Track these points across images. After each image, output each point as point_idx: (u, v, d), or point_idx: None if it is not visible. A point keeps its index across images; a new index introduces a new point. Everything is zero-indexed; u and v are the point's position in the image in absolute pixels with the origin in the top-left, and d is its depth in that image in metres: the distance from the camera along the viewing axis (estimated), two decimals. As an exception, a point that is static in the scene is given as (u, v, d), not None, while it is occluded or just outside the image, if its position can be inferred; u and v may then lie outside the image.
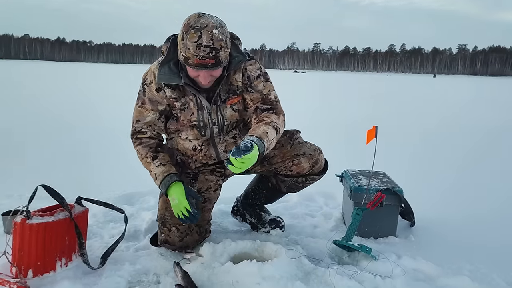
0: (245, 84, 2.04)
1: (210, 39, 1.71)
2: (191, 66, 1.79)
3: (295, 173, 2.19)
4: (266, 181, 2.41)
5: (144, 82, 2.05)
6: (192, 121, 2.04)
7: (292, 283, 1.74)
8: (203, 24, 1.72)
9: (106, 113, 7.86)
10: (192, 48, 1.72)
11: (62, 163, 3.96)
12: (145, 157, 2.05)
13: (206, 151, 2.13)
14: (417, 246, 2.26)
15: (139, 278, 1.89)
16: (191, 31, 1.72)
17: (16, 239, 1.76)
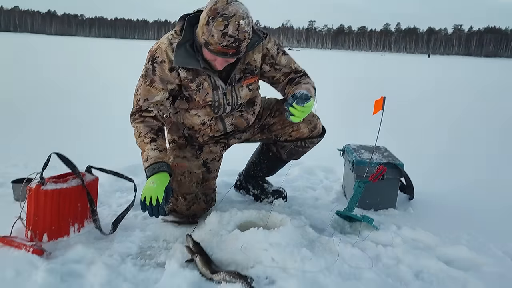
0: (271, 64, 2.09)
1: (236, 30, 1.70)
2: (211, 52, 1.77)
3: (295, 138, 2.27)
4: (267, 151, 2.47)
5: (154, 60, 1.95)
6: (208, 101, 2.03)
7: (298, 249, 1.80)
8: (231, 12, 1.69)
9: (110, 86, 7.86)
10: (217, 36, 1.70)
11: (65, 135, 3.98)
12: (143, 136, 1.96)
13: (214, 125, 2.16)
14: (416, 218, 2.35)
15: (149, 244, 1.95)
16: (218, 18, 1.69)
17: (31, 204, 1.81)
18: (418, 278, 1.74)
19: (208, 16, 1.71)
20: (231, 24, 1.69)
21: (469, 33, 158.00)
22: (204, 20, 1.73)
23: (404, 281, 1.71)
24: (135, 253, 1.86)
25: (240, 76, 2.04)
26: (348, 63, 29.17)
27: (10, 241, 1.75)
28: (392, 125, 4.72)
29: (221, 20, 1.68)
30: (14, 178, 2.48)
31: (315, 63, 24.77)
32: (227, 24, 1.69)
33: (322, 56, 43.78)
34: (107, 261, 1.74)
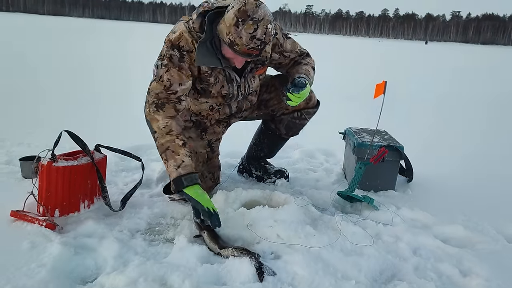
0: (280, 52, 2.17)
1: (264, 33, 1.77)
2: (235, 51, 1.82)
3: (291, 110, 2.35)
4: (266, 130, 2.54)
5: (181, 48, 1.92)
6: (223, 93, 2.09)
7: (302, 226, 1.87)
8: (260, 16, 1.75)
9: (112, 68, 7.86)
10: (245, 38, 1.76)
11: (68, 116, 4.00)
12: (176, 136, 1.90)
13: (222, 110, 2.23)
14: (414, 199, 2.43)
15: (157, 220, 2.02)
16: (249, 21, 1.73)
17: (43, 180, 1.86)
18: (416, 254, 1.82)
19: (237, 18, 1.75)
20: (260, 27, 1.75)
21: (467, 20, 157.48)
22: (232, 20, 1.76)
23: (402, 257, 1.78)
24: (144, 229, 1.93)
25: (252, 67, 2.11)
26: (346, 48, 29.09)
27: (23, 215, 1.81)
28: (391, 109, 4.80)
29: (251, 24, 1.74)
30: (19, 156, 2.53)
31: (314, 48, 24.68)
32: (256, 28, 1.74)
33: (320, 41, 43.57)
34: (118, 236, 1.81)
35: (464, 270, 1.72)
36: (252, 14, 1.74)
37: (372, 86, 2.32)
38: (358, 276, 1.62)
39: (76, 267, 1.59)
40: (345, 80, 8.76)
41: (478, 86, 9.28)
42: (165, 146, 1.88)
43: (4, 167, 2.49)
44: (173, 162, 1.85)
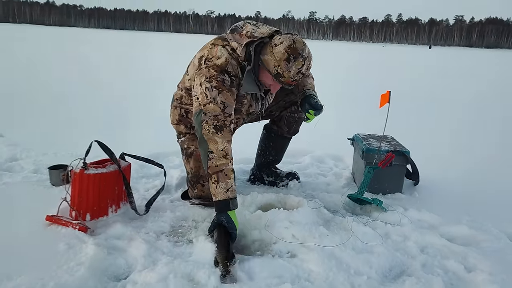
0: None
1: (307, 69, 2.04)
2: (280, 82, 2.05)
3: (288, 104, 2.53)
4: (269, 134, 2.70)
5: (230, 74, 2.04)
6: (250, 111, 2.29)
7: (316, 227, 2.01)
8: (307, 53, 2.01)
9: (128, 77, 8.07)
10: (293, 73, 1.99)
11: (88, 126, 4.16)
12: (230, 160, 1.98)
13: (239, 121, 2.38)
14: (421, 201, 2.55)
15: (179, 223, 2.16)
16: (299, 59, 1.97)
17: (75, 187, 2.01)
18: (423, 252, 1.95)
19: (289, 54, 1.97)
20: (305, 64, 2.01)
21: (470, 24, 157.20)
22: (282, 55, 1.97)
23: (410, 255, 1.91)
24: (168, 231, 2.06)
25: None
26: (351, 54, 29.22)
27: (58, 219, 1.96)
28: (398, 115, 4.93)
29: (301, 61, 1.99)
30: (46, 165, 2.68)
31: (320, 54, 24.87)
32: (303, 64, 2.00)
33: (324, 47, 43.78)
34: (145, 237, 1.95)
35: (469, 267, 1.85)
36: (302, 52, 1.98)
37: (378, 91, 2.45)
38: (370, 272, 1.75)
39: (109, 266, 1.73)
40: (352, 86, 8.89)
41: (482, 89, 9.37)
42: (220, 168, 1.94)
43: (33, 175, 2.64)
44: (224, 184, 1.93)
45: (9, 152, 3.05)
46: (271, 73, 2.04)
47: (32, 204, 2.21)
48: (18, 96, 5.53)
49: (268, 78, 2.10)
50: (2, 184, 2.48)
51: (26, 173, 2.69)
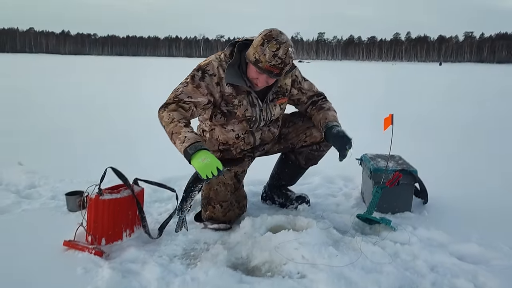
0: (298, 88, 2.47)
1: (285, 54, 2.06)
2: (259, 68, 2.10)
3: (309, 142, 2.56)
4: (286, 160, 2.75)
5: (205, 71, 2.21)
6: (247, 116, 2.32)
7: (325, 248, 2.04)
8: (283, 39, 2.07)
9: (138, 103, 8.25)
10: (268, 55, 2.04)
11: (103, 152, 4.27)
12: (177, 121, 2.04)
13: (247, 139, 2.43)
14: (430, 220, 2.56)
15: (192, 246, 2.21)
16: (272, 41, 2.05)
17: (91, 212, 2.08)
18: (433, 271, 1.96)
19: (263, 39, 2.07)
20: (282, 48, 2.05)
21: (480, 40, 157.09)
22: (258, 42, 2.08)
23: (420, 274, 1.93)
24: (180, 254, 2.11)
25: (274, 97, 2.38)
26: (360, 73, 29.37)
27: (75, 244, 2.03)
28: (405, 134, 4.96)
29: (275, 43, 2.05)
30: (63, 192, 2.78)
31: (327, 74, 25.06)
32: (278, 48, 2.04)
33: (333, 67, 44.09)
34: (158, 260, 2.00)
35: (479, 285, 1.85)
36: (276, 37, 2.06)
37: (386, 110, 2.49)
38: (379, 291, 1.77)
39: (125, 289, 1.78)
40: (361, 105, 8.94)
41: (490, 106, 9.34)
42: (170, 132, 2.03)
43: (50, 202, 2.73)
44: (178, 141, 1.99)
45: (28, 180, 3.16)
46: (251, 62, 2.12)
47: (50, 230, 2.29)
48: (35, 126, 5.70)
49: (251, 70, 2.17)
50: (21, 211, 2.58)
51: (44, 199, 2.78)
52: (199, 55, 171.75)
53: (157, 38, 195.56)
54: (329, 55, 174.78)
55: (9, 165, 3.53)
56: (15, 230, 2.31)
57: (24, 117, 6.43)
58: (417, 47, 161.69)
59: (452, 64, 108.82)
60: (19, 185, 3.09)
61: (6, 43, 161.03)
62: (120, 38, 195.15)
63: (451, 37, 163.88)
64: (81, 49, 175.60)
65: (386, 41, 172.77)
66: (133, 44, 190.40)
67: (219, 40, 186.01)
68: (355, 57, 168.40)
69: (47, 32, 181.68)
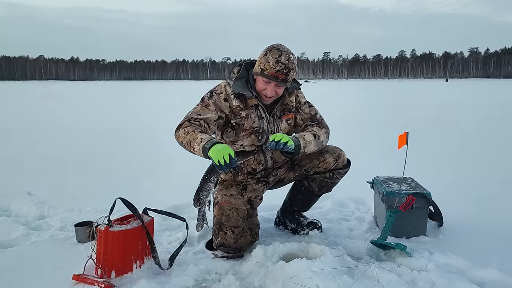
0: (297, 107, 2.55)
1: (287, 59, 2.24)
2: (265, 76, 2.25)
3: (323, 168, 2.57)
4: (299, 186, 2.73)
5: (214, 91, 2.41)
6: (254, 127, 2.40)
7: (340, 276, 1.98)
8: (284, 49, 2.27)
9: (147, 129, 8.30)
10: (272, 62, 2.23)
11: (112, 180, 4.27)
12: (192, 132, 2.19)
13: (257, 157, 2.47)
14: (446, 244, 2.50)
15: (203, 277, 2.16)
16: (274, 50, 2.25)
17: (100, 244, 2.05)
18: (453, 299, 1.89)
19: (266, 51, 2.28)
20: (283, 54, 2.24)
21: (486, 55, 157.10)
22: (262, 54, 2.29)
23: (440, 302, 1.86)
24: (192, 285, 2.07)
25: (280, 114, 2.49)
26: (366, 91, 29.42)
27: (84, 278, 1.99)
28: (417, 156, 4.90)
29: (276, 51, 2.25)
30: (72, 222, 2.76)
31: (334, 94, 25.13)
32: (280, 54, 2.24)
33: (339, 86, 44.27)
34: (169, 293, 1.95)
35: (502, 313, 1.79)
36: (277, 46, 2.27)
37: (395, 132, 2.47)
38: (398, 322, 1.71)
39: (135, 324, 1.73)
40: (370, 126, 8.91)
41: (502, 123, 9.25)
42: (188, 142, 2.17)
43: (60, 233, 2.70)
44: (196, 144, 2.12)
45: (37, 211, 3.15)
46: (258, 74, 2.29)
47: (59, 263, 2.26)
48: (44, 155, 5.72)
49: (259, 82, 2.34)
50: (30, 243, 2.55)
51: (53, 230, 2.75)
52: (206, 77, 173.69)
53: (165, 62, 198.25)
54: (334, 74, 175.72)
55: (18, 196, 3.54)
56: (25, 264, 2.28)
57: (33, 145, 6.48)
58: (423, 64, 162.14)
59: (459, 80, 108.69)
60: (28, 216, 3.08)
61: (16, 71, 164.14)
62: (128, 62, 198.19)
63: (456, 53, 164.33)
64: (89, 75, 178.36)
65: (392, 58, 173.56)
66: (141, 68, 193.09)
67: (226, 63, 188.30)
68: (361, 75, 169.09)
69: (56, 59, 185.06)
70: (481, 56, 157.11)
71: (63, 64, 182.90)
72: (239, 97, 2.38)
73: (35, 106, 16.08)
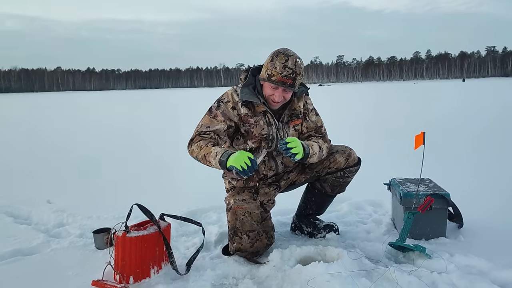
0: (305, 113, 2.52)
1: (294, 64, 2.21)
2: (272, 82, 2.22)
3: (334, 169, 2.54)
4: (312, 189, 2.72)
5: (221, 100, 2.40)
6: (263, 134, 2.39)
7: (358, 279, 1.96)
8: (290, 53, 2.24)
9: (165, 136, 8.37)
10: (279, 67, 2.20)
11: (128, 187, 4.31)
12: (205, 146, 2.23)
13: (268, 163, 2.47)
14: (467, 245, 2.45)
15: (220, 281, 2.16)
16: (280, 55, 2.22)
17: (118, 250, 2.07)
18: (475, 301, 1.85)
19: (272, 56, 2.25)
20: (290, 59, 2.21)
21: (503, 54, 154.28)
22: (268, 60, 2.26)
23: (462, 304, 1.82)
24: (209, 290, 2.07)
25: (288, 119, 2.46)
26: (382, 93, 29.16)
27: (103, 284, 2.01)
28: (435, 156, 4.84)
29: (283, 56, 2.22)
30: (90, 229, 2.80)
31: (348, 97, 24.99)
32: (287, 59, 2.21)
33: (353, 89, 44.00)
34: (187, 298, 1.96)
35: (526, 315, 1.74)
36: (283, 51, 2.24)
37: (411, 133, 2.44)
38: (419, 325, 1.68)
39: (153, 329, 1.74)
40: (385, 126, 8.83)
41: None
42: (203, 157, 2.22)
43: (79, 240, 2.74)
44: (212, 158, 2.17)
45: (57, 218, 3.21)
46: (265, 80, 2.26)
47: (78, 269, 2.28)
48: (62, 163, 5.82)
49: (266, 88, 2.31)
50: (50, 250, 2.59)
51: (72, 237, 2.79)
52: (220, 84, 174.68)
53: (179, 70, 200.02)
54: (349, 77, 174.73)
55: (38, 204, 3.60)
56: (45, 271, 2.31)
57: (51, 154, 6.59)
58: (439, 65, 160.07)
59: (476, 79, 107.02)
60: (48, 224, 3.14)
61: (35, 83, 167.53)
62: (143, 71, 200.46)
63: (472, 52, 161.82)
64: (105, 85, 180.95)
65: (406, 60, 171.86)
66: (155, 77, 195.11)
67: (239, 69, 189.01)
68: (376, 78, 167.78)
69: (73, 70, 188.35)
70: (499, 54, 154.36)
71: (80, 75, 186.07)
72: (246, 104, 2.37)
73: (53, 115, 16.38)
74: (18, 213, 3.43)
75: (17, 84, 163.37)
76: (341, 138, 3.18)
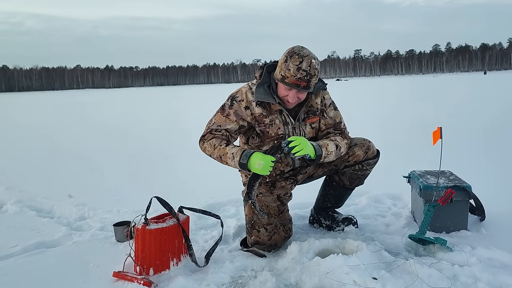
0: (322, 110, 2.45)
1: (309, 66, 2.12)
2: (286, 84, 2.16)
3: (352, 162, 2.51)
4: (330, 182, 2.69)
5: (234, 98, 2.35)
6: (279, 134, 2.34)
7: (377, 271, 1.95)
8: (305, 53, 2.14)
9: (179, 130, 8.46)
10: (293, 69, 2.12)
11: (147, 180, 4.37)
12: (219, 145, 2.25)
13: (284, 159, 2.44)
14: (489, 238, 2.40)
15: (239, 273, 2.17)
16: (295, 56, 2.13)
17: (138, 242, 2.10)
18: (498, 294, 1.82)
19: (286, 56, 2.16)
20: (305, 61, 2.12)
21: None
22: (282, 59, 2.18)
23: (484, 297, 1.79)
24: (228, 282, 2.08)
25: (305, 116, 2.39)
26: (401, 87, 28.74)
27: (124, 275, 2.04)
28: (455, 149, 4.76)
29: (297, 57, 2.12)
30: (111, 222, 2.84)
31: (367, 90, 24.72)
32: (301, 61, 2.12)
33: (371, 83, 43.48)
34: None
35: (551, 308, 1.70)
36: (298, 52, 2.14)
37: (431, 126, 2.39)
38: (440, 318, 1.66)
39: (174, 319, 1.76)
40: (405, 120, 8.71)
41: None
42: (218, 157, 2.25)
43: (100, 233, 2.79)
44: (229, 160, 2.20)
45: (78, 212, 3.28)
46: (279, 80, 2.20)
47: (100, 261, 2.33)
48: (83, 158, 5.92)
49: (280, 88, 2.25)
50: (72, 243, 2.65)
51: (93, 231, 2.85)
52: (236, 80, 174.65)
53: (196, 67, 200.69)
54: (367, 71, 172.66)
55: (60, 198, 3.68)
56: (68, 262, 2.36)
57: (72, 150, 6.70)
58: (459, 57, 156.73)
59: (498, 72, 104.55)
60: (70, 217, 3.21)
61: (55, 81, 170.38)
62: (161, 68, 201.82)
63: (494, 44, 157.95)
64: (124, 82, 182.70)
65: (426, 53, 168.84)
66: (173, 74, 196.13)
67: (256, 64, 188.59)
68: (394, 71, 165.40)
69: (92, 68, 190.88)
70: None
71: (99, 72, 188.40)
72: (261, 104, 2.31)
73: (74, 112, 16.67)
74: (41, 207, 3.52)
75: (38, 82, 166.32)
76: (360, 131, 3.14)
